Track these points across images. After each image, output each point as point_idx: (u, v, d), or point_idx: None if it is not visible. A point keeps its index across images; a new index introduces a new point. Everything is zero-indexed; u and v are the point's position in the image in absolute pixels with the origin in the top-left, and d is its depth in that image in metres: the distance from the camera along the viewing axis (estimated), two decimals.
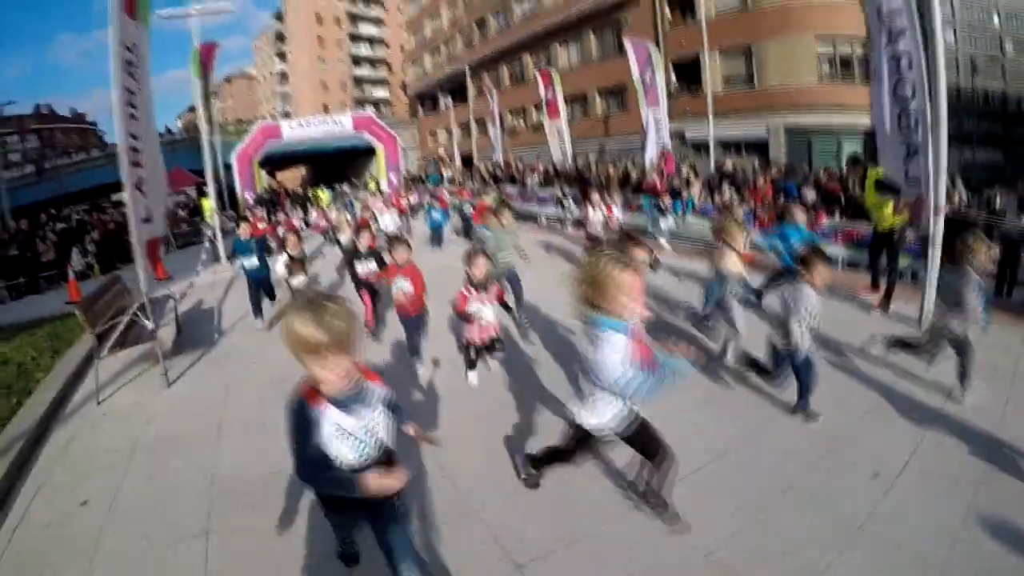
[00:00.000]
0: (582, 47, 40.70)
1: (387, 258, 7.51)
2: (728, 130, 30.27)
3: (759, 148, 30.49)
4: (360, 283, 8.88)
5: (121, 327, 7.36)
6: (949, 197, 12.50)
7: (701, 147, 28.94)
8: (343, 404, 2.77)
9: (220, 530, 4.30)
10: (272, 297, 9.97)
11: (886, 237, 8.79)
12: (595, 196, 12.42)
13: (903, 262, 9.45)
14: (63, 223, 23.24)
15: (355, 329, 2.64)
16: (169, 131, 54.97)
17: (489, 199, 15.54)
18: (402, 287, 6.82)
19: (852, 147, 29.90)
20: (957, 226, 9.04)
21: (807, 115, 29.90)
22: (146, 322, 7.40)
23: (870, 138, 28.37)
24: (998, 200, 12.99)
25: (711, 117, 25.19)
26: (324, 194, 29.82)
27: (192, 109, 28.26)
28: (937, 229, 7.50)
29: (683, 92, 33.21)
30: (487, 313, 6.45)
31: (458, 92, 48.99)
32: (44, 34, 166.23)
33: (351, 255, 9.17)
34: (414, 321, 7.08)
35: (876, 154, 8.82)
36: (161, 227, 8.99)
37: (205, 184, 18.64)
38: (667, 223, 13.89)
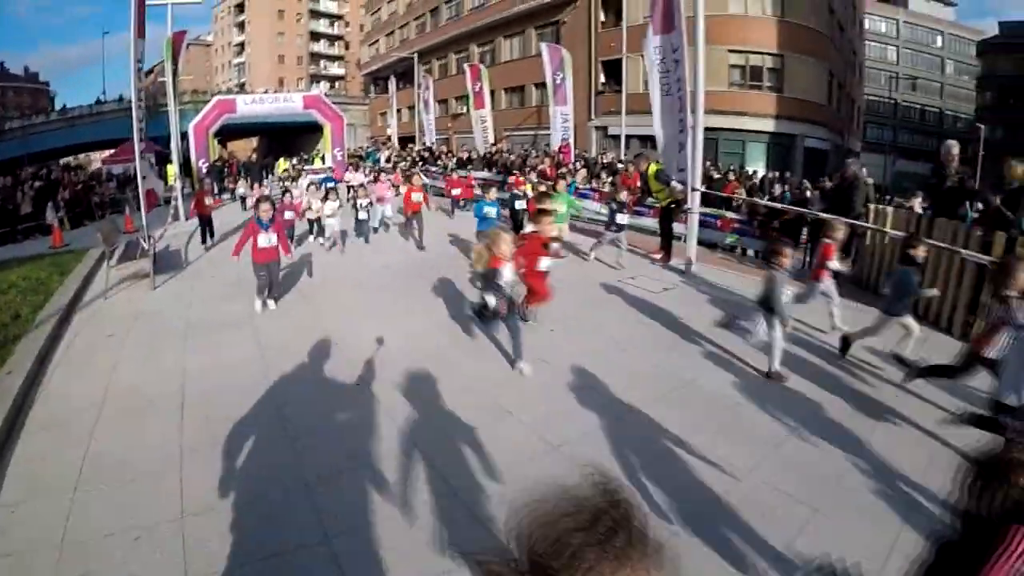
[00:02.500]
0: (524, 42, 43.44)
1: None
2: (645, 126, 33.60)
3: None
4: None
5: (123, 245, 10.77)
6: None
7: (628, 139, 32.15)
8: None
9: (194, 336, 8.07)
10: None
11: (666, 211, 12.27)
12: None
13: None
14: (40, 181, 25.65)
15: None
16: (121, 98, 56.05)
17: (529, 188, 15.29)
18: None
19: (755, 148, 33.56)
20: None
21: (715, 118, 33.32)
22: (143, 243, 10.70)
23: (772, 140, 31.88)
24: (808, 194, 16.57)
25: (624, 114, 28.65)
26: (284, 163, 31.73)
27: (148, 74, 29.90)
28: (695, 203, 11.04)
29: (610, 90, 36.39)
30: None
31: (408, 75, 51.45)
32: None
33: None
34: None
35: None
36: (153, 181, 12.41)
37: (165, 152, 21.44)
38: None
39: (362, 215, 14.64)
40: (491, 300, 6.65)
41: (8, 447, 5.35)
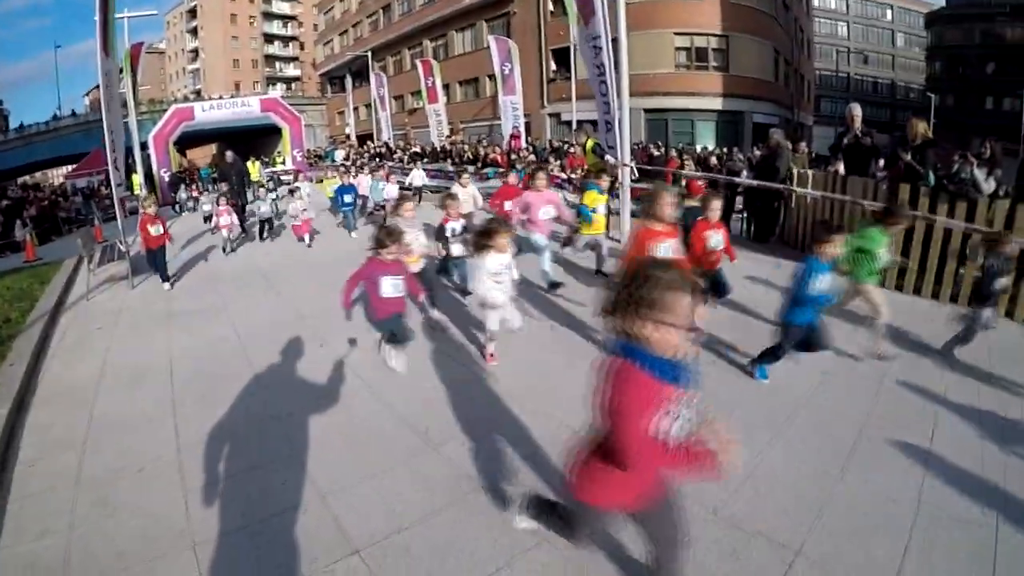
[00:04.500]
0: (476, 35, 44.30)
1: None
2: (595, 111, 34.55)
3: None
4: None
5: (99, 251, 11.56)
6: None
7: (580, 124, 33.09)
8: None
9: (175, 321, 8.95)
10: None
11: None
12: None
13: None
14: (7, 200, 26.22)
15: None
16: (74, 113, 55.89)
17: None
18: None
19: (704, 127, 34.80)
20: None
21: (664, 99, 34.45)
22: (121, 247, 11.50)
23: (720, 118, 33.04)
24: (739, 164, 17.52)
25: (574, 100, 29.54)
26: (255, 167, 30.30)
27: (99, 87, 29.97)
28: (625, 177, 11.98)
29: (560, 77, 37.33)
30: None
31: (364, 74, 51.95)
32: None
33: None
34: None
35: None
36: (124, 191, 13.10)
37: (127, 162, 21.99)
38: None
39: (456, 249, 8.50)
40: None
41: (19, 422, 6.20)
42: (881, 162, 10.76)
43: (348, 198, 15.51)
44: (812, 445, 4.84)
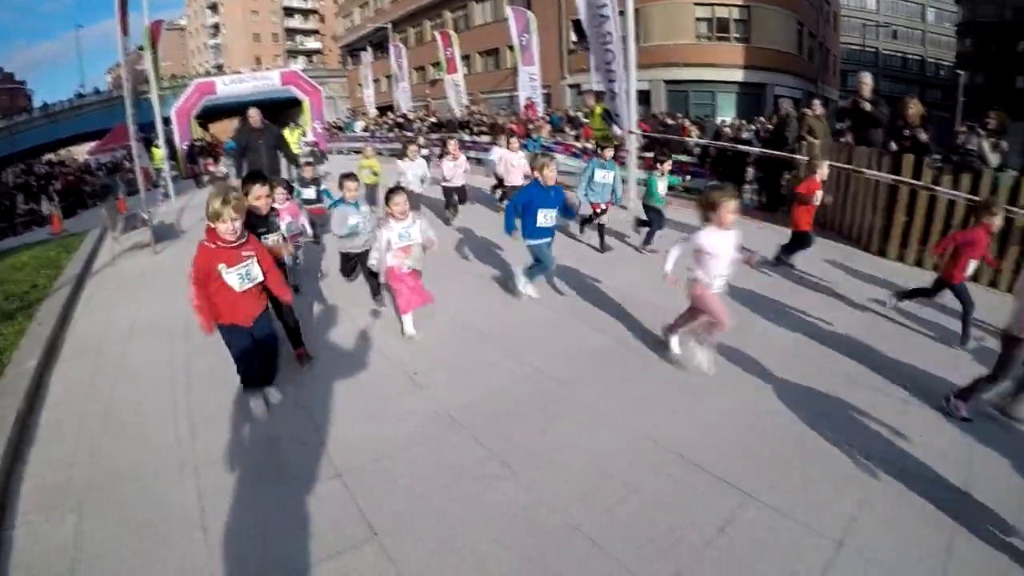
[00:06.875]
0: (496, 6, 44.22)
1: None
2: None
3: (643, 99, 34.58)
4: None
5: (123, 221, 11.84)
6: None
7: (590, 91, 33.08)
8: None
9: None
10: None
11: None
12: None
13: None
14: (34, 177, 26.75)
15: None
16: (97, 91, 56.62)
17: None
18: None
19: (725, 99, 34.55)
20: None
21: (684, 70, 34.27)
22: (144, 215, 11.74)
23: (741, 91, 32.80)
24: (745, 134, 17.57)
25: (593, 71, 29.47)
26: (294, 136, 22.29)
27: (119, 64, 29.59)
28: (631, 144, 12.09)
29: (580, 48, 37.19)
30: None
31: (386, 45, 52.03)
32: None
33: None
34: None
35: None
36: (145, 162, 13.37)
37: (149, 136, 22.19)
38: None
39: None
40: None
41: (47, 372, 6.63)
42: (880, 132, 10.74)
43: (546, 217, 7.42)
44: None
